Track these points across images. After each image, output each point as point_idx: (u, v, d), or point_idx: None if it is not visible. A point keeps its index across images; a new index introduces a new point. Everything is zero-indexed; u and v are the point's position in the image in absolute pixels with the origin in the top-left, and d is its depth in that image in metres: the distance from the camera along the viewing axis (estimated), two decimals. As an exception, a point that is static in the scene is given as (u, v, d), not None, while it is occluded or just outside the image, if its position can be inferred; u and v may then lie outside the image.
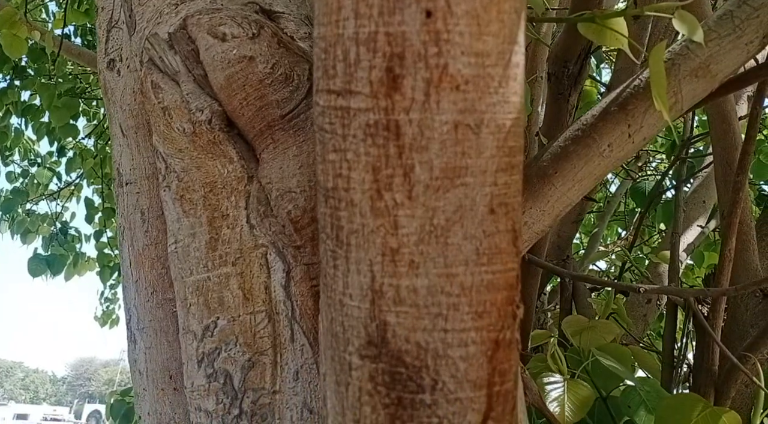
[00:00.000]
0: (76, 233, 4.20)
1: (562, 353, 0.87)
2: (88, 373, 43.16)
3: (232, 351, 0.65)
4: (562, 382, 0.81)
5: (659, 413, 0.79)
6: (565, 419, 0.76)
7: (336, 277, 0.44)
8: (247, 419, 0.64)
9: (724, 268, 0.81)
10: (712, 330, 0.78)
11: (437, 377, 0.41)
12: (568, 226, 1.40)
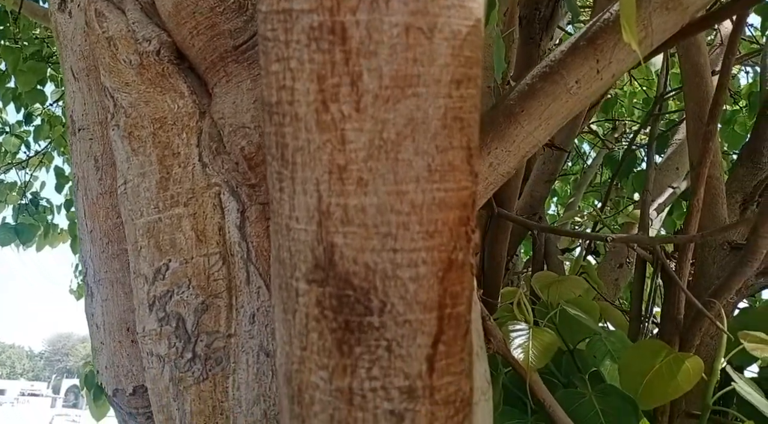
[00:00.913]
0: (47, 204, 4.11)
1: (529, 304, 0.86)
2: (66, 348, 42.84)
3: (184, 294, 0.62)
4: (527, 329, 0.80)
5: (623, 361, 0.79)
6: (528, 364, 0.76)
7: (282, 200, 0.41)
8: (201, 363, 0.62)
9: (692, 217, 0.80)
10: (679, 278, 0.78)
11: (386, 299, 0.39)
12: (540, 185, 1.39)
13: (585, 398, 0.82)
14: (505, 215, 0.97)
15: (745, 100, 2.62)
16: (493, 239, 1.08)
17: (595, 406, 0.81)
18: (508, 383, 0.90)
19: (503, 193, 1.05)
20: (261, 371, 0.62)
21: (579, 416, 0.80)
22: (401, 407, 0.39)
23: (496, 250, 1.09)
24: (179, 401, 0.62)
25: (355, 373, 0.39)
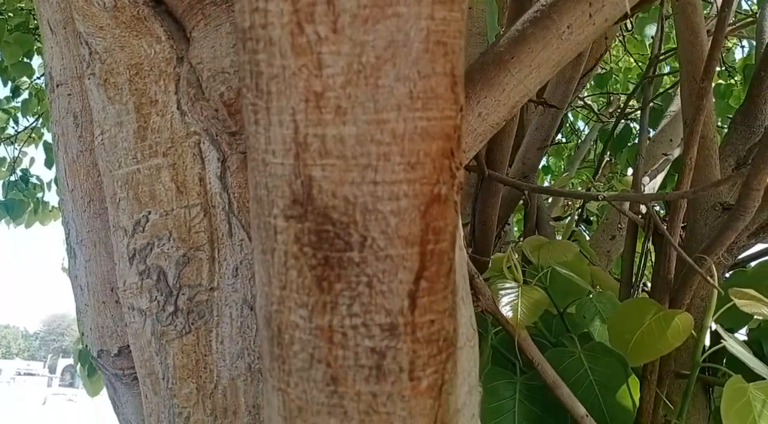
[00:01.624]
0: (37, 181, 4.08)
1: (519, 264, 0.85)
2: (61, 328, 42.91)
3: (165, 247, 0.61)
4: (516, 288, 0.80)
5: (612, 319, 0.78)
6: (517, 321, 0.75)
7: (258, 134, 0.39)
8: (183, 317, 0.60)
9: (684, 175, 0.79)
10: (670, 236, 0.77)
11: (366, 234, 0.37)
12: (532, 152, 1.37)
13: (574, 356, 0.82)
14: (495, 176, 0.96)
15: (740, 73, 2.60)
16: (483, 202, 1.06)
17: (584, 364, 0.81)
18: (497, 344, 0.90)
19: (494, 155, 1.04)
20: (245, 325, 0.61)
21: (568, 375, 0.80)
22: (382, 345, 0.38)
23: (486, 213, 1.08)
24: (162, 356, 0.61)
25: (335, 310, 0.38)
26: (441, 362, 0.40)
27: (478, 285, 0.77)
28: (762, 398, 0.67)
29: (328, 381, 0.39)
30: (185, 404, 0.60)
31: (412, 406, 0.39)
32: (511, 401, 0.81)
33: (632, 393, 0.79)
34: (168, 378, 0.60)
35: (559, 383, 0.75)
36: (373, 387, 0.39)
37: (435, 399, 0.40)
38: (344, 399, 0.39)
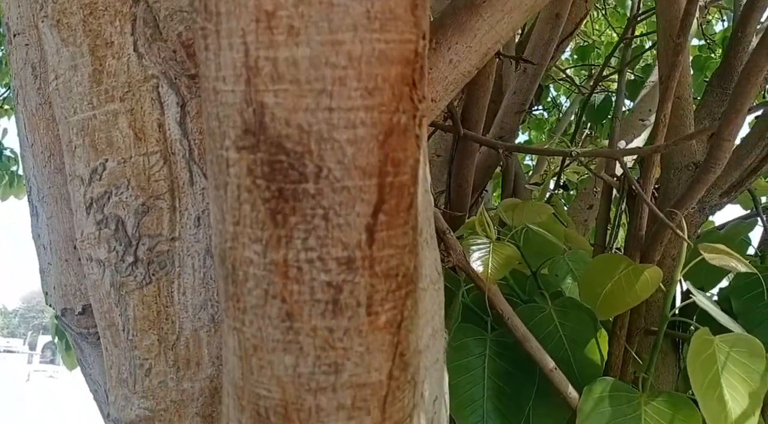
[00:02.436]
0: (11, 154, 4.00)
1: (491, 222, 0.84)
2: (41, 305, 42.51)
3: (123, 195, 0.58)
4: (488, 244, 0.79)
5: (583, 274, 0.79)
6: (488, 275, 0.75)
7: (208, 61, 0.37)
8: (144, 267, 0.59)
9: (658, 131, 0.79)
10: (642, 191, 0.77)
11: (322, 164, 0.36)
12: (510, 117, 1.36)
13: (544, 312, 0.82)
14: (471, 136, 0.94)
15: (720, 46, 2.60)
16: (459, 163, 1.05)
17: (554, 319, 0.81)
18: (470, 303, 0.90)
19: (470, 115, 1.02)
20: (208, 276, 0.60)
21: (538, 330, 0.80)
22: (339, 279, 0.37)
23: (462, 175, 1.07)
24: (121, 307, 0.59)
25: (290, 244, 0.37)
26: (400, 298, 0.39)
27: (450, 241, 0.76)
28: (726, 350, 0.68)
29: (283, 317, 0.38)
30: (146, 355, 0.58)
31: (370, 341, 0.38)
32: (481, 357, 0.81)
33: (601, 348, 0.80)
34: (128, 330, 0.59)
35: (528, 336, 0.75)
36: (329, 322, 0.38)
37: (394, 335, 0.40)
38: (300, 335, 0.38)
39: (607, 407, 0.72)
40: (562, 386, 0.73)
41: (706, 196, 0.91)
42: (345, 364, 0.38)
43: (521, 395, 0.78)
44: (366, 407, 0.39)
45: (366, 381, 0.39)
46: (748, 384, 0.66)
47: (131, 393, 0.58)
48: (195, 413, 0.58)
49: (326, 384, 0.38)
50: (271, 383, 0.39)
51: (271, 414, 0.40)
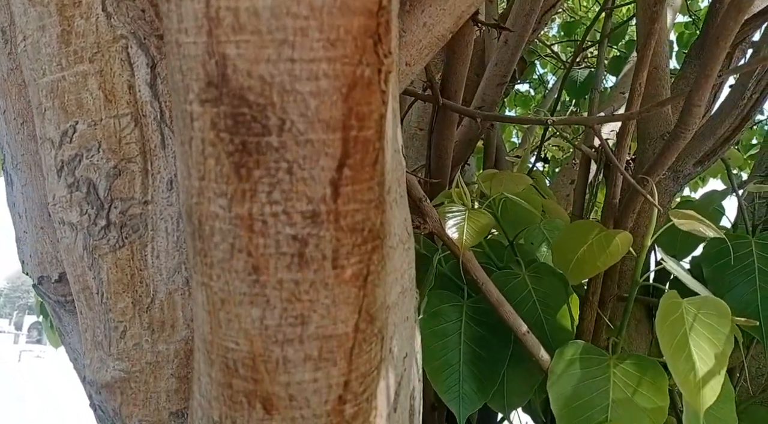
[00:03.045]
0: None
1: (467, 190, 0.85)
2: (26, 285, 42.19)
3: (94, 158, 0.58)
4: (464, 211, 0.80)
5: (557, 240, 0.80)
6: (462, 242, 0.76)
7: (170, 12, 0.37)
8: (117, 231, 0.59)
9: (633, 99, 0.79)
10: (617, 160, 0.77)
11: (284, 116, 0.36)
12: (491, 89, 1.36)
13: (518, 278, 0.83)
14: (450, 105, 0.94)
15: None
16: (439, 133, 1.05)
17: (528, 285, 0.82)
18: (447, 272, 0.91)
19: (449, 84, 1.02)
20: (181, 240, 0.60)
21: (512, 296, 0.81)
22: (304, 232, 0.37)
23: (442, 145, 1.07)
24: (95, 270, 0.59)
25: (254, 198, 0.37)
26: (366, 253, 0.40)
27: (426, 208, 0.76)
28: (694, 313, 0.70)
29: (249, 271, 0.38)
30: (121, 318, 0.59)
31: (336, 294, 0.39)
32: (457, 323, 0.83)
33: (573, 313, 0.81)
34: (102, 293, 0.59)
35: (502, 301, 0.76)
36: (295, 275, 0.38)
37: (360, 289, 0.40)
38: (266, 288, 0.38)
39: (578, 369, 0.74)
40: (535, 349, 0.75)
41: (680, 165, 0.92)
42: (311, 316, 0.39)
43: (496, 359, 0.80)
44: (332, 358, 0.40)
45: (332, 333, 0.40)
46: (715, 345, 0.68)
47: (106, 355, 0.59)
48: (170, 375, 0.59)
49: (293, 336, 0.39)
50: (239, 336, 0.40)
51: (239, 366, 0.40)
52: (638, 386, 0.72)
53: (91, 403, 0.62)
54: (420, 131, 1.58)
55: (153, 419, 0.58)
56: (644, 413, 0.71)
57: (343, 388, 0.41)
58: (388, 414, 0.46)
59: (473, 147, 1.51)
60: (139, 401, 0.58)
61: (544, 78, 3.71)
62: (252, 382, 0.40)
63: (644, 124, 1.00)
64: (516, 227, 0.98)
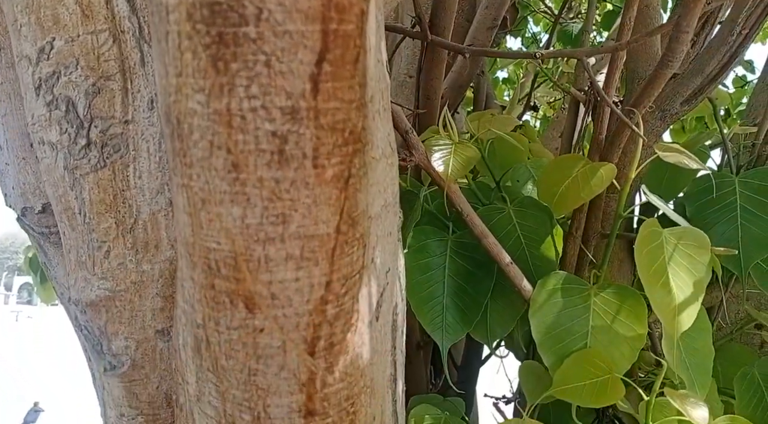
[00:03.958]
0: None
1: (454, 123, 0.84)
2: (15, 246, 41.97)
3: (72, 75, 0.57)
4: (450, 145, 0.80)
5: (542, 174, 0.80)
6: (448, 174, 0.76)
7: None
8: (97, 150, 0.58)
9: (623, 33, 0.78)
10: (605, 95, 0.77)
11: (262, 5, 0.35)
12: (482, 32, 1.34)
13: (503, 212, 0.84)
14: (438, 42, 0.93)
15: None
16: (427, 73, 1.04)
17: (513, 219, 0.83)
18: (433, 210, 0.91)
19: (438, 21, 1.00)
20: (163, 160, 0.59)
21: (497, 230, 0.82)
22: (284, 129, 0.37)
23: (430, 85, 1.06)
24: (77, 190, 0.59)
25: (232, 92, 0.37)
26: (347, 155, 0.40)
27: (412, 140, 0.76)
28: (674, 243, 0.71)
29: (229, 168, 0.38)
30: (104, 238, 0.59)
31: (317, 194, 0.39)
32: (442, 257, 0.84)
33: (556, 246, 0.82)
34: (84, 213, 0.59)
35: (486, 233, 0.77)
36: (275, 173, 0.38)
37: (341, 191, 0.40)
38: (246, 186, 0.38)
39: (559, 298, 0.75)
40: (517, 279, 0.76)
41: (667, 104, 0.92)
42: (292, 215, 0.39)
43: (479, 291, 0.81)
44: (314, 258, 0.40)
45: (314, 233, 0.40)
46: (693, 274, 0.69)
47: (90, 275, 0.59)
48: (155, 294, 0.59)
49: (274, 235, 0.39)
50: (221, 236, 0.40)
51: (221, 266, 0.41)
52: (618, 314, 0.74)
53: (76, 324, 0.63)
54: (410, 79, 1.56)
55: (139, 337, 0.59)
56: (623, 339, 0.73)
57: (325, 288, 0.42)
58: (370, 321, 0.47)
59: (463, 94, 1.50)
60: (125, 319, 0.59)
61: (537, 36, 3.66)
62: (234, 281, 0.40)
63: (633, 64, 0.99)
64: (503, 168, 0.99)
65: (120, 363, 0.58)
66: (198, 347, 0.45)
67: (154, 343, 0.59)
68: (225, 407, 0.45)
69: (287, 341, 0.42)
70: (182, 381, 0.50)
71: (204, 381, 0.46)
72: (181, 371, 0.49)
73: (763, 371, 0.94)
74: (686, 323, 0.67)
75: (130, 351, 0.59)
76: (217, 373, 0.44)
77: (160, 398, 0.59)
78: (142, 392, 0.59)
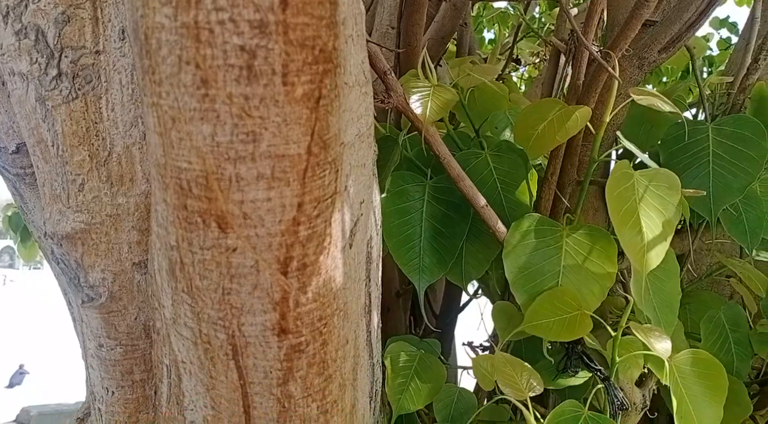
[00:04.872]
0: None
1: (433, 67, 0.84)
2: (-6, 212, 41.50)
3: (41, 3, 0.56)
4: (429, 87, 0.80)
5: (519, 117, 0.81)
6: (426, 116, 0.76)
7: None
8: (69, 81, 0.57)
9: (602, -24, 0.78)
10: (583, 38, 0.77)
11: None
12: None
13: (480, 157, 0.85)
14: (418, -13, 0.92)
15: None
16: (408, 18, 1.03)
17: (490, 164, 0.84)
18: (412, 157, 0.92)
19: (418, -35, 0.99)
20: (136, 93, 0.59)
21: (474, 175, 0.83)
22: (252, 43, 0.37)
23: (411, 32, 1.05)
24: (49, 122, 0.58)
25: (200, 4, 0.36)
26: (318, 74, 0.40)
27: (390, 81, 0.76)
28: (645, 184, 0.72)
29: (198, 84, 0.38)
30: (78, 171, 0.58)
31: (287, 112, 0.39)
32: (420, 201, 0.84)
33: (531, 190, 0.84)
34: (58, 145, 0.58)
35: (462, 176, 0.78)
36: (244, 89, 0.38)
37: (312, 111, 0.40)
38: (216, 103, 0.38)
39: (533, 239, 0.77)
40: (492, 221, 0.78)
41: (645, 52, 0.93)
42: (263, 133, 0.39)
43: (455, 234, 0.82)
44: (285, 178, 0.41)
45: (284, 153, 0.40)
46: (663, 214, 0.71)
47: (65, 207, 0.59)
48: (131, 227, 0.59)
49: (245, 153, 0.40)
50: (191, 155, 0.40)
51: (193, 186, 0.41)
52: (589, 254, 0.76)
53: (52, 258, 0.63)
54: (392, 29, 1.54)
55: (115, 269, 0.59)
56: (593, 278, 0.75)
57: (297, 209, 0.42)
58: (343, 247, 0.48)
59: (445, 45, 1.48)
60: (101, 251, 0.59)
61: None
62: (206, 201, 0.41)
63: (613, 12, 0.99)
64: (483, 117, 0.99)
65: (97, 295, 0.59)
66: (173, 269, 0.45)
67: (131, 275, 0.60)
68: (200, 327, 0.46)
69: (260, 261, 0.43)
70: (158, 306, 0.51)
71: (179, 303, 0.46)
72: (157, 296, 0.50)
73: (729, 314, 0.98)
74: (655, 261, 0.69)
75: (107, 283, 0.59)
76: (191, 294, 0.45)
77: (139, 330, 0.60)
78: (121, 324, 0.60)
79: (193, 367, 0.48)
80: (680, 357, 0.72)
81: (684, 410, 0.71)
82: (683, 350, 0.73)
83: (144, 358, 0.60)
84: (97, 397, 0.63)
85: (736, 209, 0.93)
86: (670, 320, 0.79)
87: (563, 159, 0.89)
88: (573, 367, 0.78)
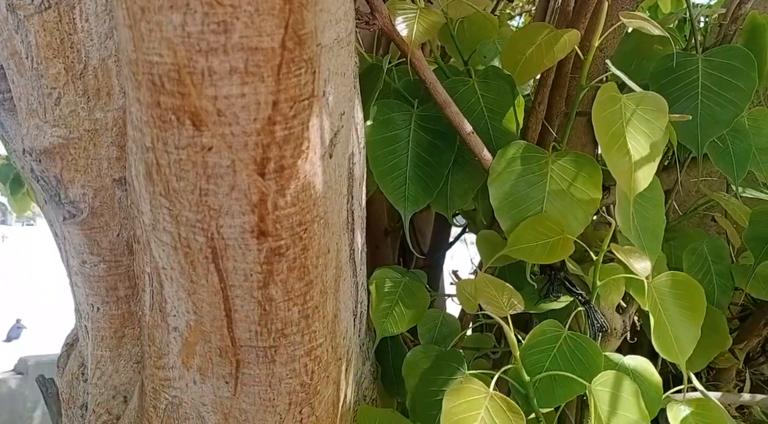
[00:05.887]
0: None
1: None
2: (-16, 170, 41.10)
3: None
4: (415, 10, 0.78)
5: (507, 43, 0.79)
6: (412, 38, 0.75)
7: None
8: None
9: None
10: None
11: None
12: None
13: (468, 84, 0.83)
14: None
15: None
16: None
17: (477, 92, 0.83)
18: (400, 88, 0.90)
19: None
20: (111, 3, 0.57)
21: (461, 102, 0.82)
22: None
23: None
24: (22, 34, 0.57)
25: None
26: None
27: (375, 3, 0.74)
28: (632, 108, 0.71)
29: (166, -31, 0.37)
30: (54, 84, 0.57)
31: (259, 1, 0.38)
32: (406, 129, 0.84)
33: (518, 118, 0.83)
34: (32, 58, 0.57)
35: (449, 102, 0.77)
36: (214, -26, 0.37)
37: (285, 2, 0.39)
38: (185, -11, 0.37)
39: (518, 166, 0.77)
40: (478, 148, 0.77)
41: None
42: (234, 23, 0.38)
43: (441, 162, 0.82)
44: (259, 73, 0.40)
45: (258, 45, 0.39)
46: (650, 137, 0.70)
47: (42, 122, 0.58)
48: (110, 143, 0.59)
49: (216, 45, 0.39)
50: (162, 47, 0.39)
51: (165, 81, 0.40)
52: (574, 180, 0.76)
53: (32, 176, 0.63)
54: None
55: (96, 185, 0.59)
56: (578, 204, 0.75)
57: (272, 108, 0.42)
58: (322, 155, 0.48)
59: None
60: (80, 167, 0.58)
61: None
62: (179, 96, 0.40)
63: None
64: (472, 49, 0.97)
65: (79, 211, 0.59)
66: (149, 172, 0.45)
67: (112, 191, 0.59)
68: (179, 230, 0.46)
69: (236, 161, 0.42)
70: (138, 213, 0.50)
71: (157, 208, 0.46)
72: (136, 203, 0.50)
73: (712, 247, 0.99)
74: (642, 182, 0.69)
75: (87, 199, 0.59)
76: (169, 196, 0.45)
77: (122, 246, 0.60)
78: (103, 240, 0.60)
79: (174, 272, 0.49)
80: (660, 279, 0.73)
81: (661, 331, 0.72)
82: (663, 273, 0.74)
83: (128, 274, 0.60)
84: (83, 315, 0.64)
85: (723, 142, 0.93)
86: (654, 247, 0.80)
87: (552, 90, 0.88)
88: (555, 292, 0.79)
